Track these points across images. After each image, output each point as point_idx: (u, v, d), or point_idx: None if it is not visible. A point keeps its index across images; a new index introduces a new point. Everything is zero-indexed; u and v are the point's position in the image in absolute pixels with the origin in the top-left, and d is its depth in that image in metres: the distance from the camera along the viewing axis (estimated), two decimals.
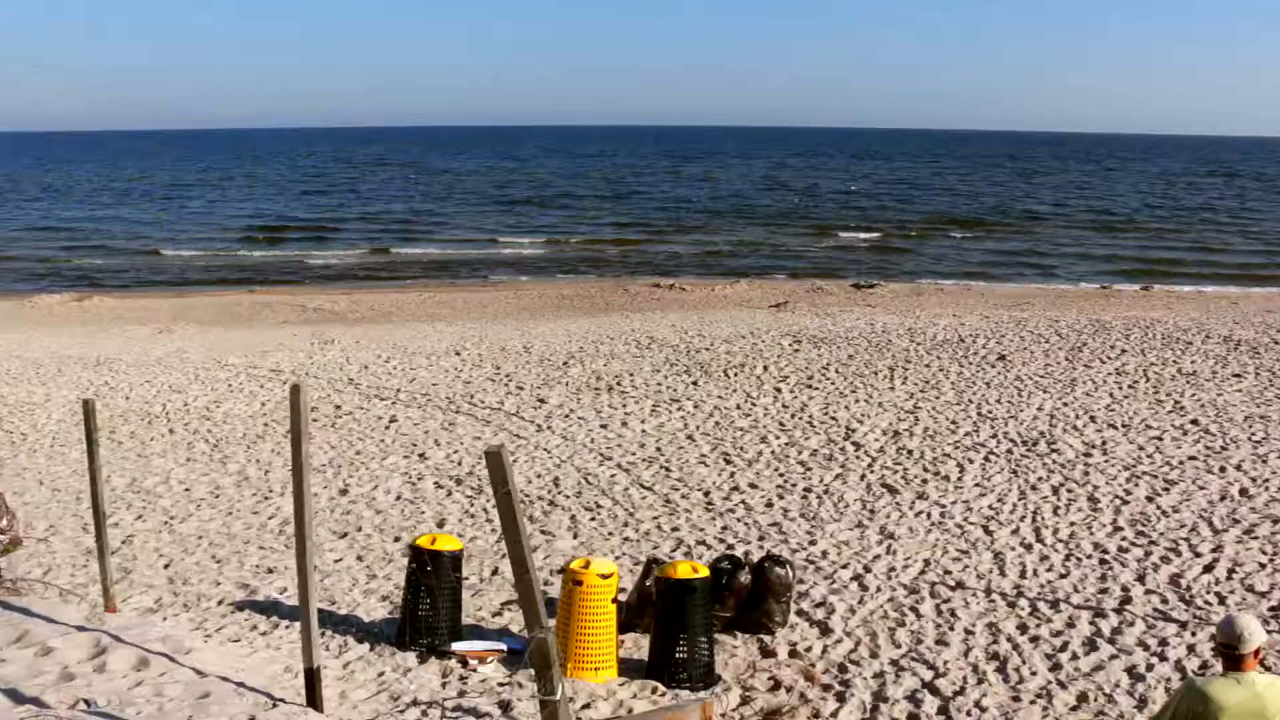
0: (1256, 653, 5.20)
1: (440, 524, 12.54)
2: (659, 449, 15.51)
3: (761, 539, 12.04)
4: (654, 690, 8.47)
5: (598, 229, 60.54)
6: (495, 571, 11.12)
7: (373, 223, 65.76)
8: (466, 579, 10.29)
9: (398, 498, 13.70)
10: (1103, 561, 11.43)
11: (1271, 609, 10.36)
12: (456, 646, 9.04)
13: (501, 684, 8.56)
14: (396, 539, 12.18)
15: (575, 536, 12.17)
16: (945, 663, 9.18)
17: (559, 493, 13.66)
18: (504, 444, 13.16)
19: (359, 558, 11.68)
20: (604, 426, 16.66)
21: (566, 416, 17.25)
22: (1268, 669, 8.81)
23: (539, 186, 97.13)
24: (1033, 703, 8.56)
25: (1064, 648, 9.49)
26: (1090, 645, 9.56)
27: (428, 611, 9.07)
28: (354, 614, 10.12)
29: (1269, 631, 9.80)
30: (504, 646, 9.15)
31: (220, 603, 10.46)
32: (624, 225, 62.17)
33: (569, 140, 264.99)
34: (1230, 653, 5.22)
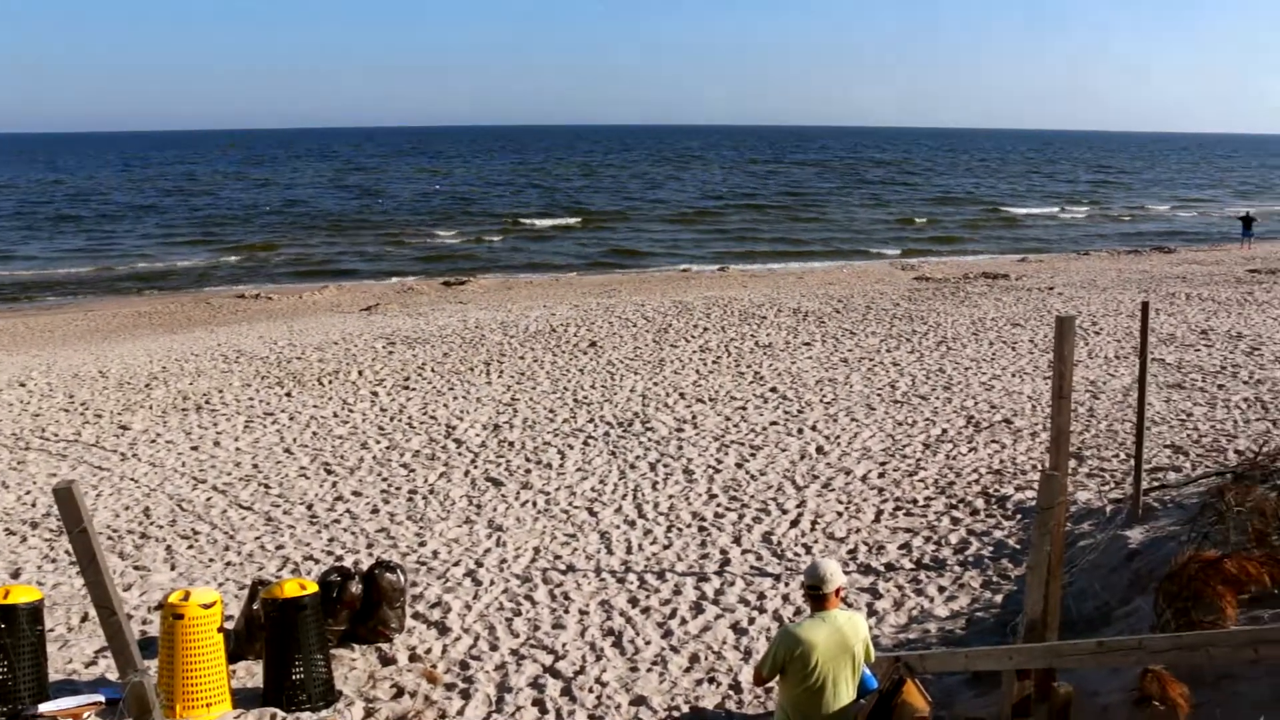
0: (837, 592, 5.69)
1: (15, 574, 11.41)
2: (256, 466, 14.87)
3: (370, 546, 11.81)
4: (273, 717, 8.11)
5: (170, 246, 55.91)
6: (85, 618, 10.24)
7: None
8: (51, 630, 9.46)
9: None
10: (701, 529, 12.06)
11: (850, 552, 11.33)
12: (44, 708, 8.23)
13: None
14: None
15: (173, 568, 11.44)
16: (564, 645, 9.38)
17: (151, 523, 12.79)
18: (76, 479, 12.17)
19: None
20: (195, 448, 15.77)
21: (153, 441, 16.18)
22: (849, 605, 9.61)
23: (87, 198, 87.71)
24: (649, 670, 8.91)
25: (673, 614, 9.95)
26: (697, 609, 10.07)
27: (5, 675, 8.19)
28: None
29: (847, 572, 10.70)
30: (101, 698, 8.45)
31: None
32: (196, 242, 57.53)
33: (123, 146, 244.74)
34: (815, 594, 5.68)
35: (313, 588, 8.57)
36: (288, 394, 18.83)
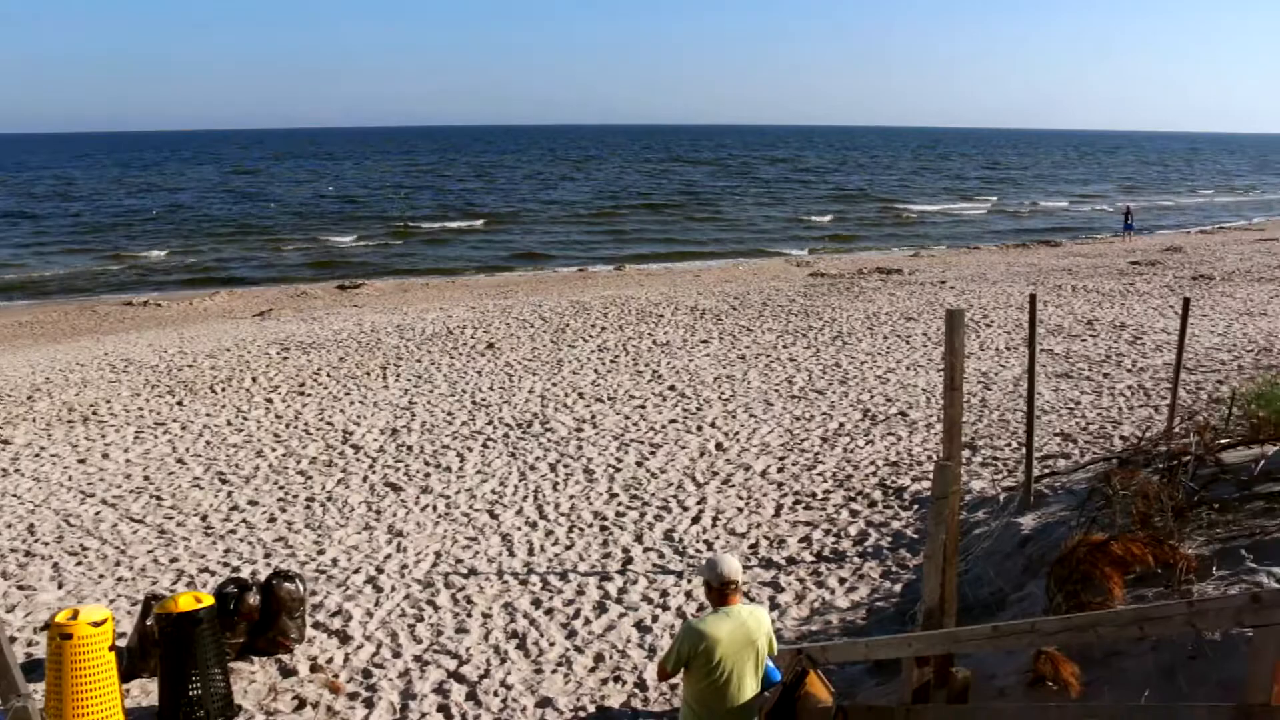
0: (737, 587, 5.71)
1: None
2: (147, 477, 14.50)
3: (268, 556, 11.60)
4: None
5: (46, 255, 53.56)
6: None
7: None
8: None
9: None
10: (603, 528, 12.07)
11: (751, 547, 11.43)
12: None
13: None
14: None
15: (60, 586, 11.10)
16: (468, 649, 9.32)
17: (36, 540, 12.38)
18: None
19: None
20: (82, 461, 15.33)
21: (37, 456, 15.68)
22: (751, 599, 9.71)
23: None
24: (554, 672, 8.90)
25: (577, 615, 9.94)
26: (600, 608, 10.07)
27: None
28: None
29: (750, 567, 10.81)
30: None
31: None
32: (76, 250, 55.19)
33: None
34: (717, 590, 5.70)
35: (209, 600, 8.38)
36: (179, 403, 18.40)
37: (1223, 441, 9.96)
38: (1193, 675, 5.66)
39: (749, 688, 5.70)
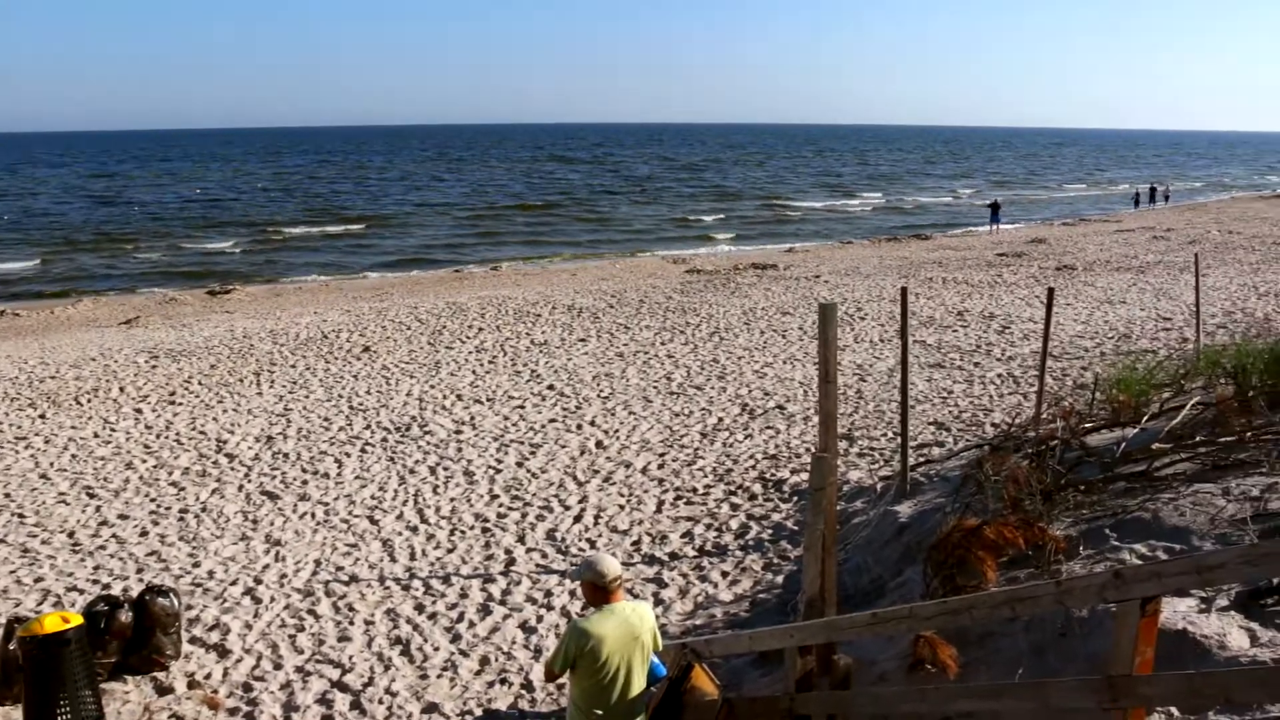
0: (620, 584, 5.72)
1: None
2: (8, 494, 13.95)
3: (140, 571, 11.26)
4: None
5: None
6: None
7: None
8: None
9: None
10: (485, 530, 11.99)
11: (634, 543, 11.47)
12: None
13: None
14: None
15: None
16: (351, 658, 9.18)
17: None
18: None
19: None
20: None
21: None
22: (636, 596, 9.74)
23: None
24: (440, 677, 8.82)
25: (461, 618, 9.86)
26: (485, 611, 10.01)
27: None
28: None
29: (632, 564, 10.85)
30: None
31: None
32: None
33: None
34: (598, 589, 5.70)
35: (77, 620, 8.08)
36: (41, 416, 17.76)
37: (1087, 425, 10.31)
38: (1063, 652, 5.84)
39: (636, 684, 5.71)
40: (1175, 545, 6.67)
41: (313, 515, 12.69)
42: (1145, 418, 9.80)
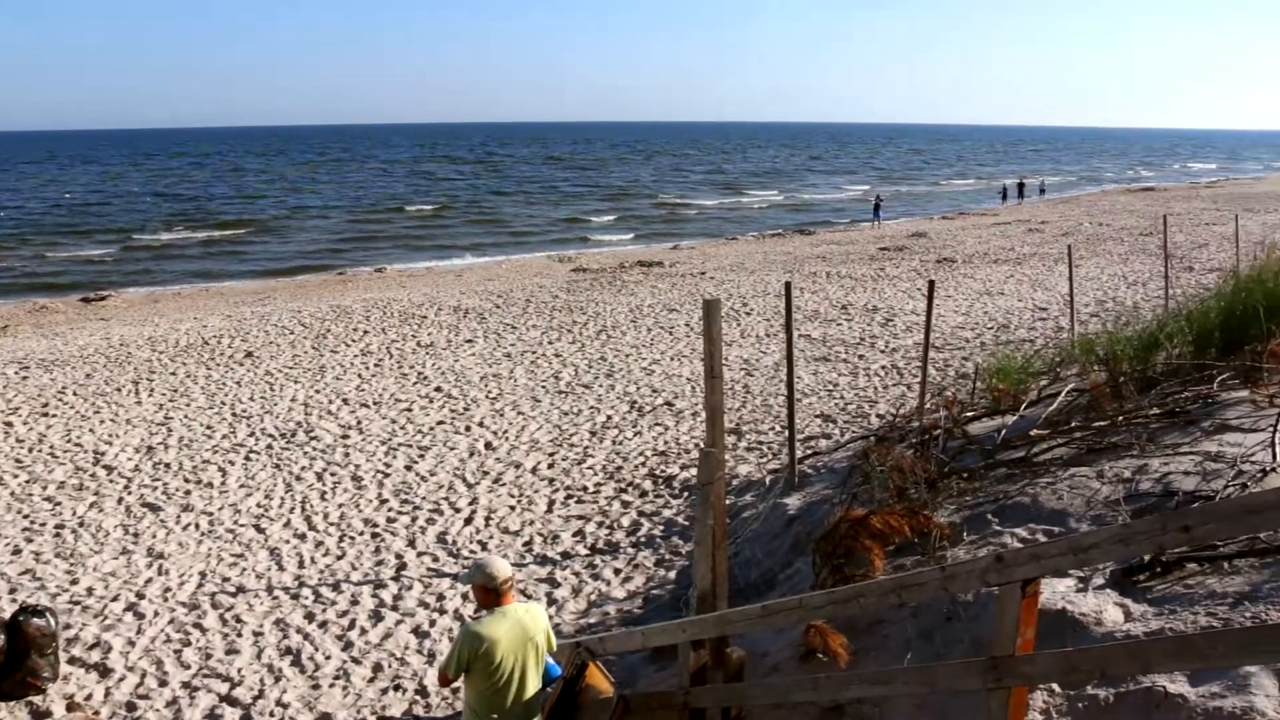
0: (510, 585, 5.69)
1: None
2: None
3: (14, 592, 10.86)
4: None
5: None
6: None
7: None
8: None
9: None
10: (375, 535, 11.85)
11: (525, 544, 11.44)
12: None
13: None
14: None
15: None
16: (240, 670, 9.00)
17: None
18: None
19: None
20: None
21: None
22: (529, 597, 9.72)
23: None
24: (332, 686, 8.69)
25: (352, 625, 9.74)
26: (376, 617, 9.89)
27: None
28: None
29: (525, 564, 10.82)
30: None
31: None
32: None
33: None
34: (490, 592, 5.67)
35: None
36: None
37: (969, 414, 10.57)
38: (949, 636, 5.97)
39: (530, 686, 5.70)
40: (1054, 528, 6.86)
41: (197, 526, 12.41)
42: (1024, 405, 10.08)
